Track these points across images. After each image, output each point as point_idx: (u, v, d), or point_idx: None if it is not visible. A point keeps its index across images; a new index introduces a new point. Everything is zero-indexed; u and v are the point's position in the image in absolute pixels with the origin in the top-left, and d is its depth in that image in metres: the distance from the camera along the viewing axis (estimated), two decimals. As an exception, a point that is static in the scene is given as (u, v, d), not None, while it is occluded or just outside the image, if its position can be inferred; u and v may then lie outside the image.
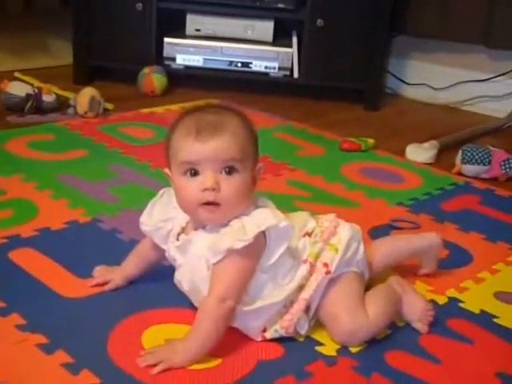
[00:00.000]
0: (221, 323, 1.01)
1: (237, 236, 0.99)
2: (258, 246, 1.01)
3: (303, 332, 1.08)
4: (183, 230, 1.09)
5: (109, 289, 1.17)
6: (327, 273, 1.08)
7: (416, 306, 1.15)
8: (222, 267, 1.00)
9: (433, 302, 1.22)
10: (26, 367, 0.97)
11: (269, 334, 1.06)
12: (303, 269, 1.08)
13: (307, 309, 1.08)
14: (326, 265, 1.08)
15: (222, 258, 0.99)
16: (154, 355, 0.99)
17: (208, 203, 1.01)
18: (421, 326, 1.14)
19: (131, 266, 1.19)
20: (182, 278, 1.08)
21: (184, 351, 0.99)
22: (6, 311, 1.09)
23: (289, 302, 1.06)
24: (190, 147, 1.01)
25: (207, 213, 1.02)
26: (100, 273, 1.20)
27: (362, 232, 1.18)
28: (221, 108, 1.07)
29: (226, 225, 1.02)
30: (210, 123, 1.01)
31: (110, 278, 1.18)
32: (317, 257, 1.09)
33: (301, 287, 1.07)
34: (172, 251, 1.09)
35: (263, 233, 1.01)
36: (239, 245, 0.98)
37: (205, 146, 1.00)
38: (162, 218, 1.11)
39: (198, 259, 1.04)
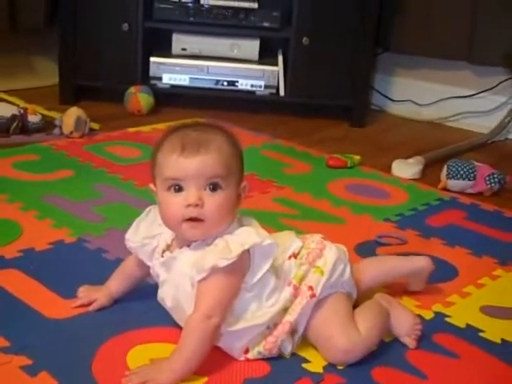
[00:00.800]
0: (206, 340, 1.00)
1: (221, 254, 0.99)
2: (242, 264, 1.01)
3: (287, 353, 1.08)
4: (168, 248, 1.09)
5: (93, 309, 1.16)
6: (312, 296, 1.07)
7: (404, 321, 1.15)
8: (206, 285, 1.00)
9: (419, 317, 1.21)
10: (10, 390, 0.96)
11: (251, 355, 1.06)
12: (287, 291, 1.07)
13: (292, 331, 1.08)
14: (310, 288, 1.07)
15: (206, 275, 0.99)
16: (138, 375, 0.98)
17: (191, 219, 1.01)
18: (409, 341, 1.14)
19: (116, 284, 1.19)
20: (166, 295, 1.08)
21: (169, 370, 0.98)
22: (-11, 333, 1.08)
23: (272, 324, 1.06)
24: (175, 163, 1.01)
25: (190, 228, 1.02)
26: (84, 293, 1.19)
27: (348, 251, 1.17)
28: (207, 126, 1.08)
29: (210, 243, 1.02)
30: (195, 140, 1.01)
31: (94, 298, 1.17)
32: (301, 279, 1.08)
33: (285, 309, 1.07)
34: (156, 268, 1.09)
35: (247, 251, 1.01)
36: (223, 263, 0.98)
37: (189, 162, 1.00)
38: (147, 234, 1.11)
39: (182, 277, 1.04)
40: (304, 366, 1.07)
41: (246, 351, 1.05)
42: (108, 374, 1.00)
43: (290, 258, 1.10)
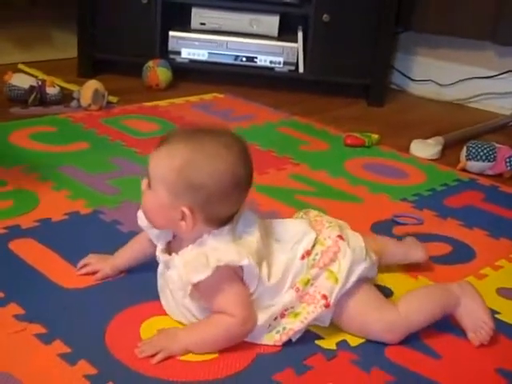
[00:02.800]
0: (236, 342, 1.02)
1: (197, 269, 0.98)
2: (224, 274, 0.99)
3: (294, 339, 1.06)
4: (168, 245, 1.09)
5: (97, 279, 1.16)
6: (326, 306, 1.04)
7: (473, 314, 1.10)
8: (216, 296, 1.00)
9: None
10: (24, 357, 0.97)
11: (269, 336, 1.05)
12: (290, 294, 1.04)
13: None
14: (324, 297, 1.04)
15: (193, 289, 0.99)
16: (151, 345, 0.99)
17: None
18: (473, 337, 1.09)
19: (124, 256, 1.19)
20: (160, 289, 1.09)
21: (186, 344, 1.00)
22: (4, 301, 1.09)
23: (273, 320, 1.04)
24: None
25: None
26: (92, 260, 1.19)
27: (364, 231, 1.15)
28: (204, 133, 1.03)
29: (193, 250, 1.01)
30: (164, 140, 1.04)
31: (99, 268, 1.17)
32: (306, 284, 1.05)
33: (295, 315, 1.04)
34: (159, 257, 1.08)
35: (223, 266, 0.98)
36: (196, 279, 0.97)
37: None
38: None
39: (173, 284, 1.04)
40: (317, 342, 1.06)
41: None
42: (121, 344, 1.01)
43: (303, 257, 1.06)
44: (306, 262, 1.05)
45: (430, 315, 1.09)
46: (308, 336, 1.07)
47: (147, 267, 1.18)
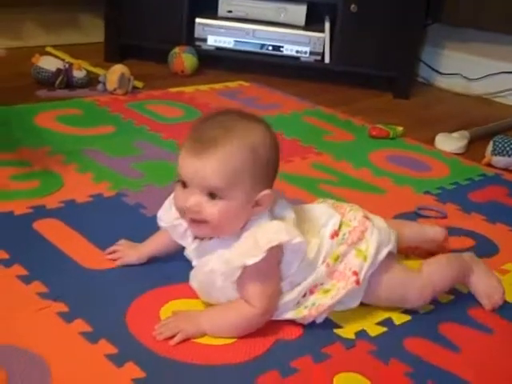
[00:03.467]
0: (251, 331, 1.02)
1: (249, 252, 0.97)
2: (272, 259, 0.99)
3: (319, 321, 1.07)
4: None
5: (118, 264, 1.16)
6: (357, 282, 1.05)
7: (488, 281, 1.17)
8: (249, 284, 0.99)
9: (456, 290, 1.20)
10: (46, 334, 0.98)
11: (297, 310, 1.05)
12: (320, 269, 1.05)
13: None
14: (355, 273, 1.05)
15: (239, 274, 0.98)
16: (168, 327, 0.99)
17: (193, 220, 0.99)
18: (486, 303, 1.16)
19: (150, 247, 1.18)
20: (194, 279, 1.07)
21: (203, 326, 1.00)
22: (28, 279, 1.10)
23: (301, 297, 1.05)
24: (181, 159, 0.98)
25: (194, 227, 1.01)
26: (121, 247, 1.19)
27: (387, 227, 1.14)
28: (235, 119, 1.00)
29: (238, 235, 1.00)
30: (203, 139, 0.96)
31: (126, 255, 1.17)
32: (337, 259, 1.06)
33: (325, 291, 1.05)
34: (189, 250, 1.07)
35: (277, 246, 0.98)
36: (251, 261, 0.96)
37: (189, 164, 0.96)
38: (178, 215, 1.06)
39: (210, 270, 1.02)
40: (336, 331, 1.06)
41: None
42: (142, 325, 1.02)
43: (332, 237, 1.07)
44: (335, 241, 1.07)
45: (450, 277, 1.15)
46: (327, 324, 1.07)
47: (170, 255, 1.18)
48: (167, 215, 1.10)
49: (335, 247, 1.06)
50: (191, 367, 0.95)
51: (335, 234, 1.07)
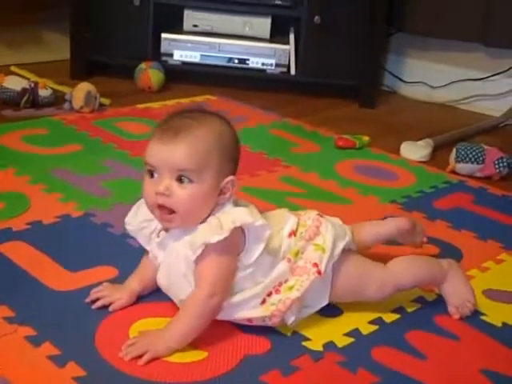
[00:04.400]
0: (206, 318, 1.02)
1: (213, 231, 0.99)
2: (235, 242, 1.02)
3: (289, 323, 1.08)
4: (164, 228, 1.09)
5: (113, 309, 1.10)
6: (318, 273, 1.08)
7: (459, 290, 1.19)
8: (205, 264, 1.01)
9: (423, 299, 1.22)
10: (14, 359, 0.97)
11: (256, 322, 1.07)
12: (283, 264, 1.07)
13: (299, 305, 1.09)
14: (315, 265, 1.08)
15: (200, 253, 0.99)
16: (136, 347, 0.99)
17: (162, 208, 1.02)
18: (454, 312, 1.18)
19: (137, 281, 1.14)
20: (161, 275, 1.08)
21: (166, 342, 1.00)
22: (-6, 303, 1.09)
23: (266, 295, 1.06)
24: (150, 149, 1.02)
25: (161, 220, 1.04)
26: (106, 291, 1.13)
27: (342, 224, 1.19)
28: (204, 114, 1.07)
29: (204, 221, 1.03)
30: (173, 128, 1.01)
31: (115, 299, 1.12)
32: (296, 254, 1.09)
33: (290, 288, 1.07)
34: (154, 250, 1.09)
35: (241, 230, 1.01)
36: (214, 239, 0.98)
37: (159, 150, 1.01)
38: (146, 217, 1.10)
39: (176, 255, 1.04)
40: (304, 343, 1.07)
41: (250, 320, 1.07)
42: (111, 346, 1.02)
43: (290, 235, 1.10)
44: (292, 240, 1.10)
45: (416, 277, 1.18)
46: (295, 337, 1.09)
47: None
48: (134, 219, 1.12)
49: (293, 245, 1.10)
50: (160, 386, 0.95)
51: (293, 233, 1.11)
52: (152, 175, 1.02)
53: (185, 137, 1.00)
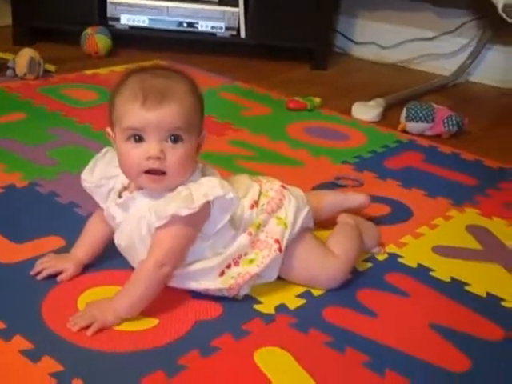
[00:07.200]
0: (155, 288, 1.01)
1: (183, 203, 0.97)
2: (202, 215, 1.00)
3: (242, 295, 1.08)
4: (126, 188, 1.07)
5: (61, 281, 1.08)
6: (279, 250, 1.07)
7: (371, 233, 1.25)
8: (164, 232, 0.99)
9: (373, 258, 1.24)
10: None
11: (212, 292, 1.06)
12: (244, 237, 1.06)
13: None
14: (277, 241, 1.08)
15: (165, 223, 0.98)
16: (84, 318, 0.98)
17: (152, 172, 0.99)
18: (377, 250, 1.25)
19: (83, 249, 1.12)
20: (120, 237, 1.06)
21: (114, 312, 0.99)
22: None
23: (225, 266, 1.05)
24: (136, 114, 0.98)
25: (150, 182, 1.01)
26: (50, 263, 1.10)
27: (304, 195, 1.17)
28: (168, 71, 1.04)
29: (172, 189, 1.01)
30: (157, 89, 0.98)
31: (61, 268, 1.10)
32: (258, 227, 1.08)
33: (250, 261, 1.06)
34: (112, 209, 1.06)
35: (208, 202, 0.99)
36: (185, 212, 0.97)
37: (151, 114, 0.98)
38: (104, 175, 1.09)
39: (138, 219, 1.02)
40: (255, 306, 1.07)
41: (206, 290, 1.06)
42: (58, 317, 1.00)
43: (252, 207, 1.08)
44: (254, 212, 1.08)
45: (359, 249, 1.19)
46: (247, 301, 1.08)
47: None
48: (91, 175, 1.10)
49: (255, 217, 1.08)
50: (111, 356, 0.94)
51: (255, 204, 1.09)
52: (139, 140, 0.99)
53: (171, 98, 0.98)
